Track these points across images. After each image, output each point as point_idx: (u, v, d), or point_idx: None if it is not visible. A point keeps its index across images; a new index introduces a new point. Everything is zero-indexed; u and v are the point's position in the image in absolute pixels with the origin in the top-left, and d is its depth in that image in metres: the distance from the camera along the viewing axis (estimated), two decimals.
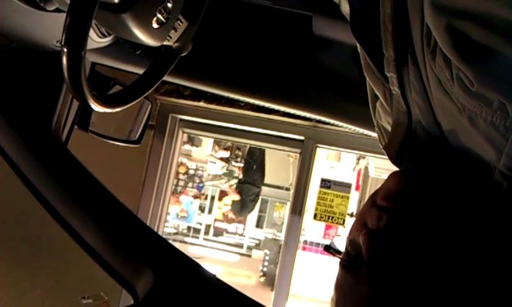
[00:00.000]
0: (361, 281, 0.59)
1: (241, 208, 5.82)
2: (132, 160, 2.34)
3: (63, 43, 0.67)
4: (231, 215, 6.27)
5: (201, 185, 7.01)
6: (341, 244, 0.68)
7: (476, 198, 0.62)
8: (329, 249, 0.66)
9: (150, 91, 0.88)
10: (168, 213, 6.46)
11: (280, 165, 5.70)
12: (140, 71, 0.90)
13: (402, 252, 0.58)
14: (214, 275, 1.04)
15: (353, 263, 0.61)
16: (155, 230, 2.45)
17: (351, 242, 0.63)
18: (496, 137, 0.54)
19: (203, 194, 7.23)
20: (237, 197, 6.07)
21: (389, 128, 0.77)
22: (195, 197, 7.04)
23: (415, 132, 0.66)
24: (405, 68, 0.64)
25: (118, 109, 0.85)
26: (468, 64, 0.52)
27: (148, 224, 2.40)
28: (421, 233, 0.59)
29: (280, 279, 2.52)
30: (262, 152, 5.54)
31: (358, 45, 0.75)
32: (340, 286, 0.63)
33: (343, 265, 0.63)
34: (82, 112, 1.20)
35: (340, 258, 0.64)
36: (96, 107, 0.77)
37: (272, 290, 2.88)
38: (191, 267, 1.03)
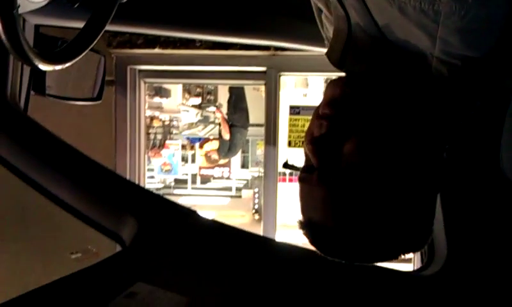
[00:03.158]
0: (314, 185, 0.64)
1: (229, 150, 5.83)
2: (99, 120, 2.32)
3: None
4: (214, 155, 6.30)
5: (190, 136, 6.96)
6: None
7: (419, 89, 0.65)
8: (287, 166, 0.70)
9: (94, 42, 0.87)
10: (151, 170, 6.45)
11: (252, 103, 5.69)
12: (83, 25, 0.89)
13: (345, 148, 0.62)
14: (194, 211, 1.08)
15: (307, 172, 0.65)
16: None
17: (305, 155, 0.68)
18: (427, 23, 0.57)
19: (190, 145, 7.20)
20: (217, 143, 6.09)
21: None
22: (183, 147, 7.02)
23: (355, 35, 0.68)
24: None
25: (65, 65, 0.84)
26: None
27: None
28: (363, 127, 0.63)
29: (266, 211, 2.60)
30: (243, 93, 5.50)
31: None
32: (301, 196, 0.68)
33: (300, 177, 0.67)
34: (36, 77, 1.18)
35: (297, 171, 0.67)
36: (42, 65, 0.77)
37: None
38: (171, 206, 1.07)
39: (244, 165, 7.71)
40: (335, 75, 0.78)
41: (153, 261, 0.97)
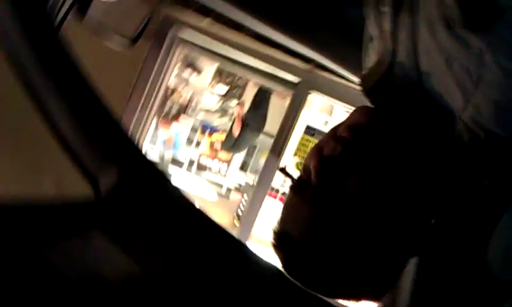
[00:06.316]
0: (305, 202, 0.62)
1: (233, 146, 5.81)
2: (123, 68, 2.28)
3: None
4: (217, 145, 6.30)
5: (211, 125, 6.95)
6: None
7: (435, 147, 0.64)
8: (283, 171, 0.68)
9: None
10: (154, 140, 6.42)
11: (273, 111, 5.65)
12: None
13: (349, 181, 0.61)
14: (179, 189, 1.04)
15: (301, 186, 0.63)
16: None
17: (304, 167, 0.66)
18: (467, 84, 0.55)
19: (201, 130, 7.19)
20: (223, 136, 6.09)
21: None
22: (193, 129, 7.01)
23: (395, 72, 0.68)
24: (401, 4, 0.64)
25: None
26: (458, 3, 0.52)
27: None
28: (373, 167, 0.61)
29: (246, 217, 2.56)
30: (268, 98, 5.48)
31: None
32: (286, 207, 0.66)
33: (292, 188, 0.66)
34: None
35: (291, 179, 0.66)
36: None
37: None
38: (157, 173, 1.03)
39: (243, 168, 7.68)
40: None
41: (121, 222, 0.94)
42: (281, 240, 0.65)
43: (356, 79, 1.32)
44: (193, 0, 1.99)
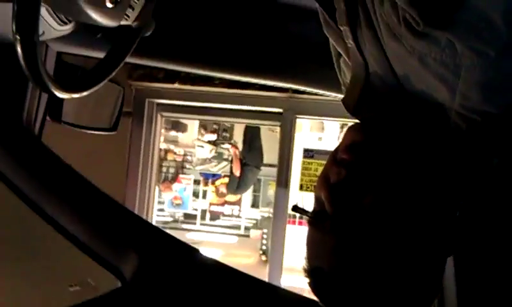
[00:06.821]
0: (326, 233, 0.61)
1: (237, 187, 5.81)
2: (113, 151, 2.32)
3: (14, 31, 0.67)
4: (222, 189, 6.29)
5: (203, 171, 6.98)
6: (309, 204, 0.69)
7: (436, 143, 0.63)
8: (297, 209, 0.67)
9: (111, 74, 0.87)
10: (162, 203, 6.43)
11: (267, 143, 5.68)
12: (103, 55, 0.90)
13: (364, 201, 0.60)
14: (197, 250, 1.05)
15: (318, 219, 0.62)
16: (145, 218, 2.46)
17: (316, 199, 0.65)
18: (447, 75, 0.55)
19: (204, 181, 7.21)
20: (227, 179, 6.09)
21: None
22: (195, 182, 7.01)
23: (373, 83, 0.67)
24: (357, 19, 0.64)
25: (82, 94, 0.84)
26: (412, 4, 0.53)
27: (136, 212, 2.41)
28: (382, 180, 0.60)
29: (272, 254, 2.54)
30: (258, 132, 5.52)
31: (317, 4, 0.75)
32: (309, 243, 0.65)
33: (310, 222, 0.65)
34: (53, 103, 1.19)
35: (307, 216, 0.65)
36: (59, 93, 0.77)
37: None
38: (174, 243, 1.04)
39: (255, 204, 7.64)
40: (351, 121, 0.77)
41: (152, 299, 0.94)
42: (314, 276, 0.63)
43: (334, 93, 1.34)
44: (159, 68, 2.04)
